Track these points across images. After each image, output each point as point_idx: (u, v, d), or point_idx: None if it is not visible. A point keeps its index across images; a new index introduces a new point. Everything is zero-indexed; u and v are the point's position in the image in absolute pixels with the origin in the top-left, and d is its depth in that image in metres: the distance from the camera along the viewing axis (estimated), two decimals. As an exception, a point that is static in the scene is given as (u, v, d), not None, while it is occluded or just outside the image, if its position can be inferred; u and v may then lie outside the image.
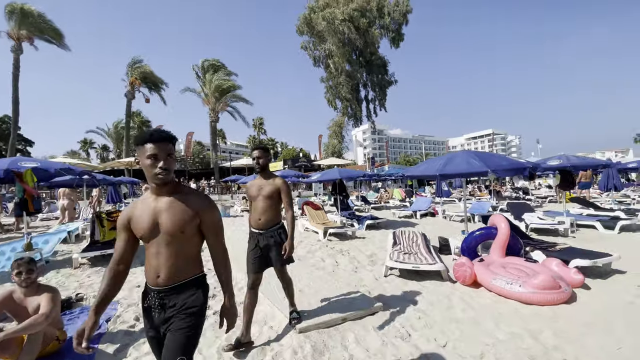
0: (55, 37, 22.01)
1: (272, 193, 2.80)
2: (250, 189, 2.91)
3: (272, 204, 2.83)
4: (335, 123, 33.35)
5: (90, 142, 48.00)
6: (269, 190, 2.79)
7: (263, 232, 2.86)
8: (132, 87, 26.74)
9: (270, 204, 2.83)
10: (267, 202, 2.80)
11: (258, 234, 2.89)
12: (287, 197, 2.84)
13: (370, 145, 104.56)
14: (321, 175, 8.01)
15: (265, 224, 2.84)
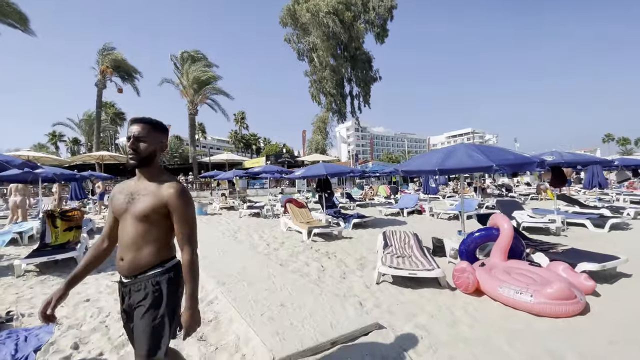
0: (19, 21, 20.06)
1: (152, 210, 1.46)
2: (116, 198, 1.57)
3: (148, 231, 1.49)
4: (320, 119, 32.75)
5: (59, 135, 45.09)
6: (145, 206, 1.47)
7: (128, 281, 1.53)
8: (104, 76, 25.02)
9: (146, 231, 1.48)
10: (141, 226, 1.48)
11: (122, 285, 1.58)
12: (184, 222, 1.51)
13: (354, 142, 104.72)
14: (305, 171, 7.43)
15: (132, 266, 1.50)
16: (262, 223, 9.51)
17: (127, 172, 27.53)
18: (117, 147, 45.57)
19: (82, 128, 34.61)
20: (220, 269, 4.57)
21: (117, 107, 40.99)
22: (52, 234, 5.70)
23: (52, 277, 4.52)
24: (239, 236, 7.42)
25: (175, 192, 1.47)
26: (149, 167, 1.53)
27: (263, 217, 10.81)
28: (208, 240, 6.76)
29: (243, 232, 8.01)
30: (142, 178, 1.54)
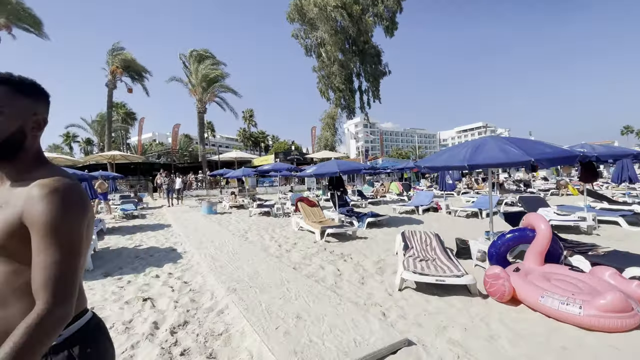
0: (33, 25, 20.33)
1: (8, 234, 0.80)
2: None
3: (13, 273, 0.82)
4: (328, 115, 32.32)
5: (73, 136, 45.88)
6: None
7: None
8: (114, 77, 25.16)
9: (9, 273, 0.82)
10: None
11: None
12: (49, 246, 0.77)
13: (363, 138, 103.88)
14: (317, 168, 7.11)
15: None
16: (273, 222, 9.25)
17: (139, 171, 27.76)
18: (128, 146, 46.15)
19: (94, 128, 35.06)
20: (230, 274, 4.31)
21: (127, 107, 41.38)
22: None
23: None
24: (249, 236, 7.17)
25: (40, 193, 0.79)
26: (11, 159, 0.88)
27: (273, 216, 10.56)
28: (218, 242, 6.53)
29: (254, 232, 7.76)
30: (3, 179, 0.90)
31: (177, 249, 6.16)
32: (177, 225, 8.98)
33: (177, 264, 5.14)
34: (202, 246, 6.16)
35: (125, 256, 5.71)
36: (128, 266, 5.08)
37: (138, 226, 9.36)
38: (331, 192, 8.31)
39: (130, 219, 11.18)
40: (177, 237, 7.37)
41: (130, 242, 7.00)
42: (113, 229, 8.87)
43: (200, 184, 25.15)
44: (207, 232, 7.67)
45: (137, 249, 6.27)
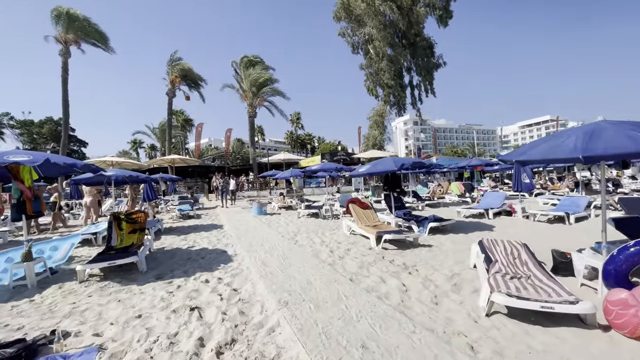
0: (100, 40, 22.78)
1: None
2: None
3: None
4: (377, 112, 31.21)
5: (139, 142, 51.03)
6: None
7: None
8: (173, 86, 27.13)
9: None
10: None
11: None
12: None
13: (412, 136, 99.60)
14: (372, 166, 6.46)
15: None
16: (322, 225, 8.80)
17: (196, 173, 29.58)
18: (187, 151, 49.86)
19: (157, 135, 38.39)
20: (281, 283, 3.90)
21: (186, 114, 44.66)
22: (118, 236, 5.69)
23: (112, 284, 4.32)
24: (299, 239, 6.78)
25: None
26: None
27: (322, 218, 10.13)
28: (269, 245, 6.24)
29: (303, 234, 7.37)
30: None
31: (227, 251, 5.99)
32: (229, 226, 9.00)
33: (227, 267, 4.90)
34: (252, 249, 5.91)
35: (177, 258, 5.68)
36: (179, 269, 4.97)
37: (193, 226, 9.60)
38: (386, 193, 7.58)
39: (186, 219, 11.62)
40: (228, 239, 7.28)
41: (184, 242, 7.07)
42: (170, 229, 9.18)
43: (251, 185, 25.89)
44: (257, 234, 7.47)
45: (190, 250, 6.24)
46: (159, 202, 16.19)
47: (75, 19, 20.58)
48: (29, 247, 4.45)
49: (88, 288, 4.23)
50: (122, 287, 4.17)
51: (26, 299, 3.92)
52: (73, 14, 20.49)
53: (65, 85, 21.76)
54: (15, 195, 4.34)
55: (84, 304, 3.69)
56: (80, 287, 4.25)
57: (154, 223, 8.60)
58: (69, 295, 4.01)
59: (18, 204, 4.36)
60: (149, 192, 12.37)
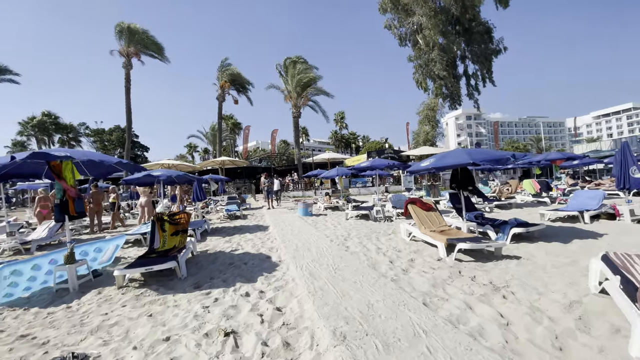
0: (156, 51, 24.35)
1: None
2: None
3: None
4: (427, 106, 29.13)
5: (194, 146, 54.47)
6: None
7: None
8: (223, 90, 28.11)
9: None
10: None
11: None
12: None
13: (465, 132, 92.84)
14: (438, 160, 5.32)
15: None
16: (374, 228, 7.87)
17: (244, 174, 30.38)
18: (236, 153, 51.98)
19: (209, 138, 40.41)
20: (334, 303, 3.11)
21: (235, 119, 46.50)
22: (160, 238, 5.41)
23: (149, 292, 3.93)
24: (350, 245, 5.96)
25: None
26: None
27: (372, 220, 9.18)
28: (316, 250, 5.52)
29: (354, 239, 6.53)
30: None
31: (272, 257, 5.40)
32: (274, 228, 8.51)
33: (271, 277, 4.27)
34: (299, 254, 5.23)
35: (219, 263, 5.21)
36: (219, 276, 4.47)
37: (238, 227, 9.31)
38: (453, 192, 6.40)
39: (233, 219, 11.49)
40: (273, 242, 6.73)
41: (228, 245, 6.67)
42: (216, 230, 8.97)
43: (296, 185, 25.72)
44: (304, 237, 6.81)
45: (233, 254, 5.77)
46: (208, 202, 16.57)
47: (135, 32, 22.22)
48: (71, 249, 4.26)
49: (125, 295, 3.88)
50: (158, 297, 3.74)
51: (64, 306, 3.67)
52: (133, 28, 22.15)
53: (128, 94, 23.63)
54: (58, 195, 4.17)
55: (115, 316, 3.29)
56: (117, 294, 3.92)
57: (200, 223, 8.44)
58: (104, 303, 3.67)
59: (61, 204, 4.19)
60: (199, 192, 12.49)
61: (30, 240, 7.26)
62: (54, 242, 8.09)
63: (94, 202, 9.17)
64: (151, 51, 24.53)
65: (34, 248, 7.09)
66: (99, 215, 9.47)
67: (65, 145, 40.35)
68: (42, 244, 7.56)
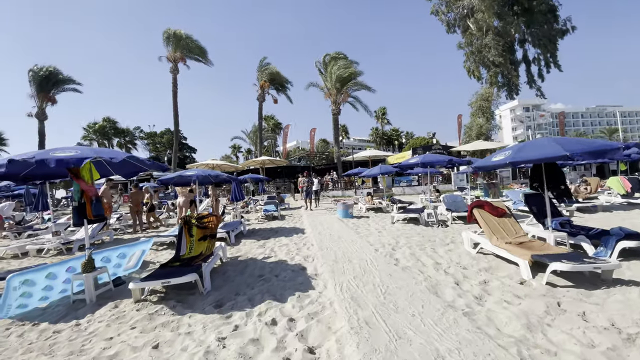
0: (200, 54, 25.16)
1: None
2: None
3: None
4: (480, 97, 26.47)
5: (238, 147, 56.36)
6: None
7: None
8: (263, 90, 28.29)
9: None
10: None
11: None
12: None
13: (524, 124, 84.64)
14: (514, 153, 4.07)
15: None
16: (427, 235, 6.77)
17: (284, 174, 30.37)
18: (277, 153, 52.72)
19: (251, 139, 41.30)
20: (388, 348, 2.24)
21: (276, 119, 47.09)
22: (187, 243, 4.94)
23: (165, 309, 3.39)
24: (400, 257, 4.99)
25: None
26: None
27: (423, 225, 8.04)
28: (359, 262, 4.65)
29: (404, 248, 5.54)
30: None
31: (307, 269, 4.65)
32: (312, 231, 7.79)
33: (304, 297, 3.52)
34: (338, 268, 4.41)
35: (248, 274, 4.59)
36: (246, 292, 3.82)
37: (275, 229, 8.77)
38: (534, 193, 5.09)
39: (271, 220, 11.04)
40: (309, 248, 6.00)
41: (260, 250, 6.07)
42: (252, 232, 8.51)
43: (336, 184, 24.94)
44: (344, 244, 5.98)
45: (265, 263, 5.14)
46: (248, 202, 16.46)
47: (180, 38, 23.14)
48: (89, 256, 3.90)
49: (139, 312, 3.39)
50: (172, 318, 3.18)
51: (73, 322, 3.27)
52: (179, 33, 23.07)
53: (175, 98, 24.72)
54: (75, 197, 3.83)
55: (119, 342, 2.77)
56: (131, 310, 3.44)
57: (236, 225, 8.02)
58: (114, 322, 3.19)
59: (79, 207, 3.84)
60: (237, 192, 12.25)
61: (74, 239, 7.37)
62: (97, 241, 8.21)
63: (134, 202, 9.24)
64: (195, 55, 25.42)
65: (76, 248, 7.15)
66: (140, 215, 9.55)
67: (123, 148, 44.17)
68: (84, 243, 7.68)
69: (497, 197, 12.25)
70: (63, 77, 27.08)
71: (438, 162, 8.10)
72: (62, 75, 26.89)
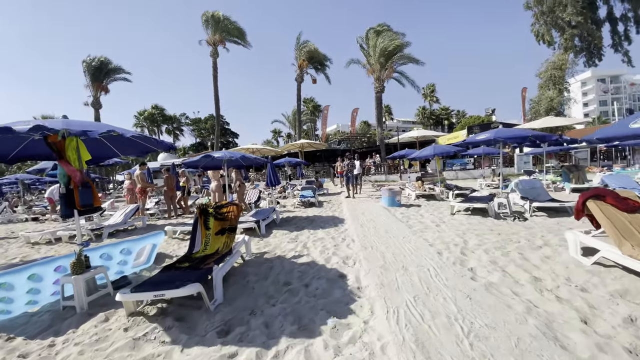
0: (239, 36, 24.57)
1: None
2: None
3: None
4: (552, 65, 22.57)
5: (278, 132, 56.37)
6: None
7: None
8: (301, 70, 27.14)
9: None
10: None
11: None
12: None
13: (595, 99, 73.54)
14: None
15: None
16: (504, 231, 5.27)
17: (323, 157, 29.38)
18: (317, 137, 51.77)
19: (290, 122, 40.69)
20: None
21: (315, 101, 45.80)
22: (202, 238, 4.11)
23: (158, 329, 2.57)
24: (475, 265, 3.66)
25: None
26: None
27: (493, 217, 6.48)
28: (417, 272, 3.44)
29: (478, 252, 4.16)
30: None
31: (346, 277, 3.56)
32: (352, 222, 6.67)
33: (342, 330, 2.44)
34: (388, 279, 3.26)
35: (272, 280, 3.62)
36: (265, 309, 2.85)
37: (311, 218, 7.79)
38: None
39: (307, 206, 10.12)
40: (349, 246, 4.90)
41: (292, 246, 5.10)
42: (285, 221, 7.62)
43: (378, 168, 23.33)
44: (394, 242, 4.78)
45: (294, 264, 4.14)
46: (286, 187, 15.77)
47: (219, 20, 22.65)
48: (79, 253, 3.20)
49: (125, 333, 2.59)
50: (160, 350, 2.30)
51: (50, 340, 2.59)
52: (217, 15, 22.60)
53: (216, 82, 24.61)
54: (62, 182, 3.11)
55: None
56: (117, 330, 2.65)
57: (267, 213, 7.18)
58: (89, 348, 2.41)
59: (67, 194, 3.12)
60: (272, 176, 11.48)
61: (105, 225, 7.10)
62: (131, 227, 7.94)
63: (168, 186, 8.85)
64: (234, 37, 24.92)
65: (106, 235, 6.85)
66: (174, 200, 9.18)
67: (171, 134, 46.43)
68: (118, 229, 7.41)
69: (581, 182, 9.96)
70: (113, 67, 28.52)
71: (516, 137, 6.34)
72: (112, 64, 28.34)
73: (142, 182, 8.99)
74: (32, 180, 17.97)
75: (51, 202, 11.83)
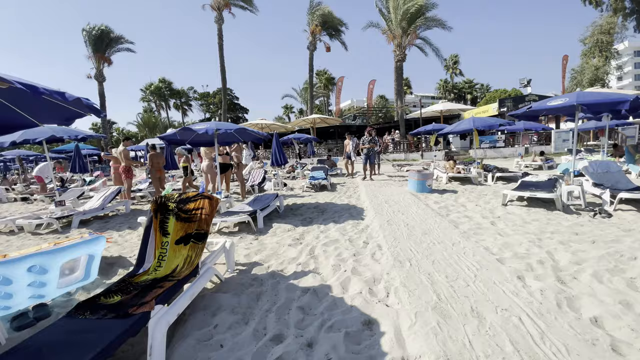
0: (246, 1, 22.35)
1: None
2: None
3: None
4: (598, 29, 19.59)
5: (290, 107, 54.20)
6: None
7: None
8: (314, 37, 24.84)
9: None
10: None
11: None
12: None
13: (631, 72, 67.25)
14: None
15: None
16: (594, 234, 3.71)
17: (336, 134, 27.59)
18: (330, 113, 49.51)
19: (302, 97, 38.58)
20: None
21: (329, 73, 43.17)
22: (157, 249, 2.75)
23: None
24: (586, 305, 2.17)
25: None
26: None
27: (560, 210, 4.90)
28: (499, 320, 1.99)
29: (580, 275, 2.67)
30: None
31: (378, 324, 2.14)
32: (375, 216, 5.20)
33: None
34: (452, 339, 1.82)
35: (252, 331, 2.23)
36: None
37: (322, 206, 6.38)
38: None
39: (318, 190, 8.70)
40: (375, 256, 3.47)
41: (294, 253, 3.71)
42: (290, 210, 6.23)
43: (397, 146, 21.50)
44: (441, 255, 3.32)
45: (293, 292, 2.75)
46: (295, 166, 14.34)
47: (223, -20, 20.50)
48: None
49: None
50: None
51: None
52: (220, -27, 20.39)
53: (221, 51, 22.78)
54: None
55: None
56: None
57: (268, 200, 5.81)
58: None
59: None
60: (278, 155, 10.06)
61: (76, 212, 5.93)
62: (112, 213, 6.78)
63: (153, 165, 7.55)
64: (241, 1, 22.73)
65: (76, 224, 5.67)
66: (162, 182, 7.91)
67: (179, 109, 45.16)
68: (95, 215, 6.24)
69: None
70: (115, 36, 26.93)
71: (612, 102, 4.56)
72: (113, 33, 26.73)
73: (127, 159, 7.73)
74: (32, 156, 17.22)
75: (40, 181, 10.87)
